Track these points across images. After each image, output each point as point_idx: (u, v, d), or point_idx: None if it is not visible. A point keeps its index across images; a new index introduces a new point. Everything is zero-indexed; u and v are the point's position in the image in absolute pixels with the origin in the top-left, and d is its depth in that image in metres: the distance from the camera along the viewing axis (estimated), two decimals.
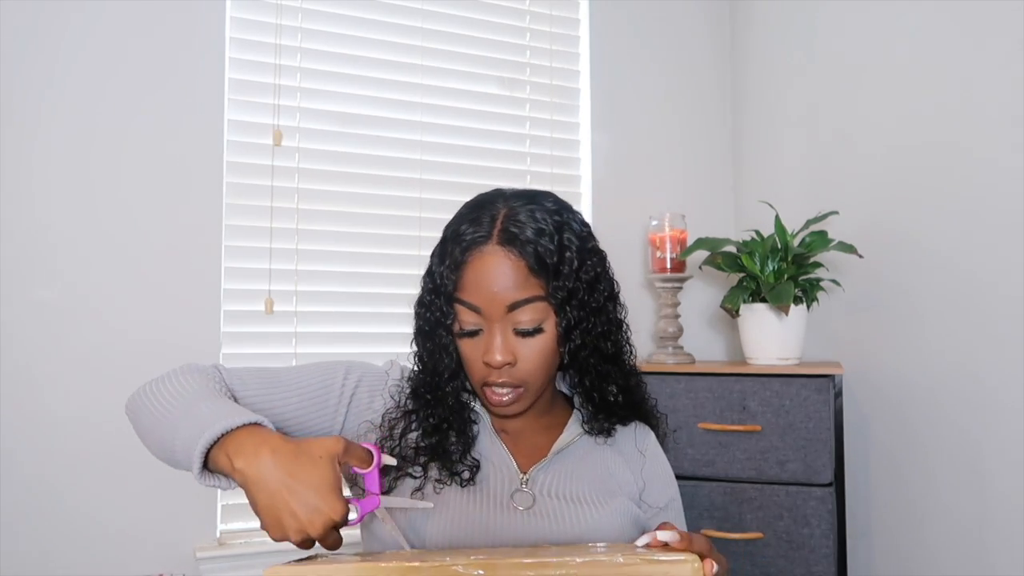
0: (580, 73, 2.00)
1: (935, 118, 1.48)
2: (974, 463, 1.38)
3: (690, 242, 1.74)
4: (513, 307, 0.82)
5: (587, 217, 1.15)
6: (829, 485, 1.44)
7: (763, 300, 1.58)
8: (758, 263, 1.60)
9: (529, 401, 0.87)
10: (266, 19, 1.68)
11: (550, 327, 0.84)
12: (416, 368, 0.91)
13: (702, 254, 1.71)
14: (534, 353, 0.84)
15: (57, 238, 1.49)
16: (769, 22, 1.99)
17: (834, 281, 1.64)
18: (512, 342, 0.83)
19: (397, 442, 0.86)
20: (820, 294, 1.62)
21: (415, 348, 0.91)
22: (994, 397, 1.35)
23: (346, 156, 1.74)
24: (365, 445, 0.76)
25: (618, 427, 0.95)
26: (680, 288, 1.84)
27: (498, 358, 0.82)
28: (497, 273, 0.81)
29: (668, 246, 1.79)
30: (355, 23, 1.77)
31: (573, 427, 0.92)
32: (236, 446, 0.70)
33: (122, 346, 1.51)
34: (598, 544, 0.75)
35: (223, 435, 0.71)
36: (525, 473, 0.88)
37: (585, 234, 0.88)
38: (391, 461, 0.80)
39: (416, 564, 0.63)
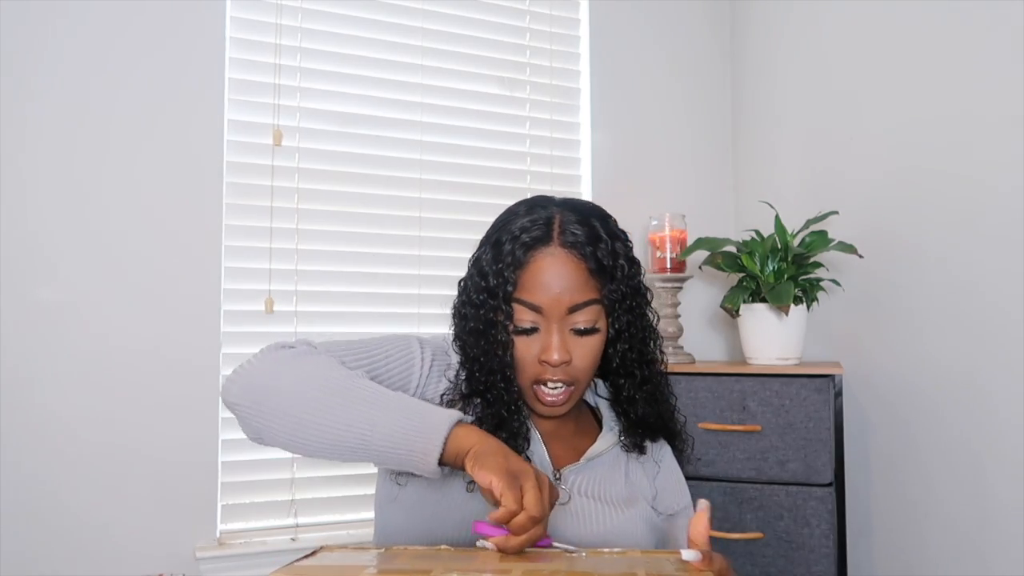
0: (580, 73, 2.00)
1: (935, 118, 1.48)
2: (974, 462, 1.38)
3: (690, 242, 1.74)
4: (574, 309, 0.85)
5: None
6: (829, 485, 1.44)
7: (763, 300, 1.58)
8: (758, 263, 1.60)
9: (575, 400, 0.90)
10: (266, 19, 1.68)
11: (603, 327, 0.88)
12: (466, 366, 0.91)
13: (702, 254, 1.71)
14: (588, 352, 0.87)
15: (56, 239, 1.49)
16: (769, 22, 1.99)
17: (834, 281, 1.64)
18: (568, 341, 0.86)
19: None
20: (820, 294, 1.62)
21: (464, 349, 0.90)
22: (993, 397, 1.35)
23: (346, 156, 1.74)
24: None
25: (648, 443, 0.97)
26: (680, 288, 1.84)
27: (556, 357, 0.84)
28: (560, 274, 0.84)
29: (668, 246, 1.79)
30: (355, 23, 1.77)
31: (608, 437, 0.95)
32: (462, 439, 0.74)
33: (122, 346, 1.51)
34: (614, 551, 0.75)
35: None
36: (558, 472, 0.91)
37: (630, 243, 0.92)
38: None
39: None
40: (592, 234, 0.86)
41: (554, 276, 0.84)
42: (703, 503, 0.71)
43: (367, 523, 1.66)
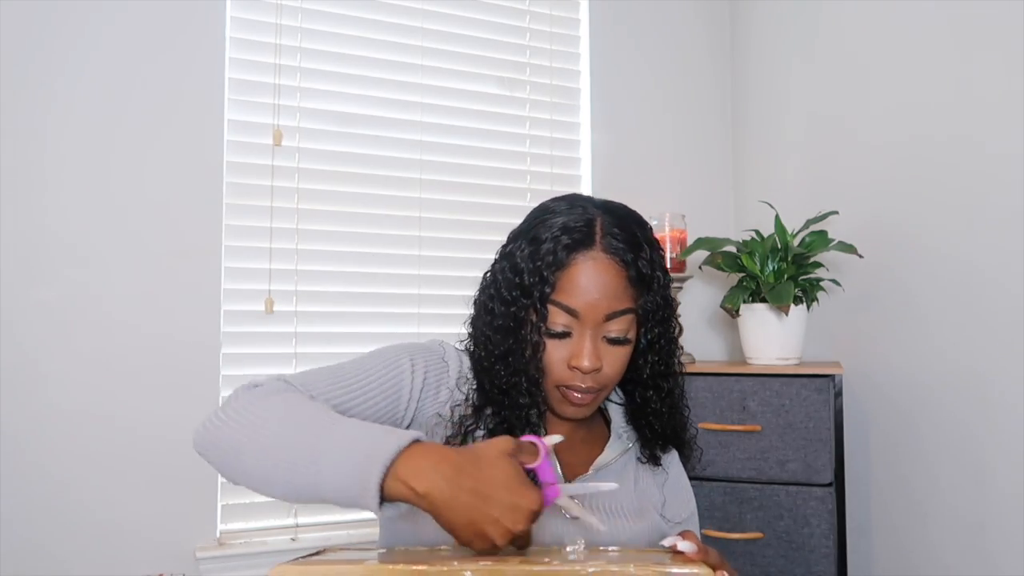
0: (580, 73, 2.00)
1: (935, 118, 1.48)
2: (975, 463, 1.38)
3: (690, 242, 1.74)
4: (610, 316, 0.83)
5: None
6: (829, 485, 1.44)
7: (763, 300, 1.58)
8: (758, 263, 1.60)
9: (597, 405, 0.89)
10: (266, 19, 1.68)
11: (633, 337, 0.87)
12: (485, 364, 0.88)
13: (702, 254, 1.71)
14: (618, 361, 0.86)
15: (58, 239, 1.49)
16: (769, 22, 1.99)
17: (834, 281, 1.64)
18: (600, 348, 0.84)
19: (463, 437, 0.86)
20: (820, 294, 1.61)
21: (487, 345, 0.88)
22: (995, 397, 1.35)
23: (346, 156, 1.74)
24: (526, 439, 0.74)
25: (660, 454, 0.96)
26: (680, 288, 1.84)
27: (587, 364, 0.83)
28: (601, 280, 0.82)
29: (668, 246, 1.79)
30: (355, 23, 1.77)
31: (616, 445, 0.94)
32: (411, 471, 0.66)
33: (123, 346, 1.51)
34: (610, 548, 0.75)
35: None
36: (569, 483, 0.89)
37: (662, 252, 0.90)
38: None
39: (423, 568, 0.63)
40: (633, 241, 0.84)
41: (594, 281, 0.82)
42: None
43: (367, 523, 1.66)
